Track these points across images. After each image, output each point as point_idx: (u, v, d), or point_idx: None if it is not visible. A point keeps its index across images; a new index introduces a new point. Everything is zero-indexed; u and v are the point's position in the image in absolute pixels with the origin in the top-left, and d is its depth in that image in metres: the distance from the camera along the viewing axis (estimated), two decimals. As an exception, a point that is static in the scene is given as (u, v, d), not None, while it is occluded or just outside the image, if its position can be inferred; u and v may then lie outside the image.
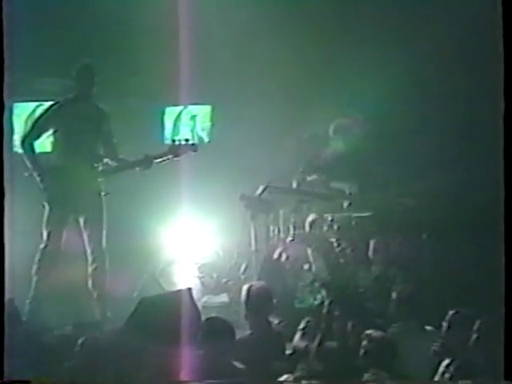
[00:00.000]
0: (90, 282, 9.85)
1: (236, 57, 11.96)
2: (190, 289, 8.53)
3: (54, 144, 9.97)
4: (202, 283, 10.99)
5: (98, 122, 9.93)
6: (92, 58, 10.56)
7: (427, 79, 11.69)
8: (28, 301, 9.62)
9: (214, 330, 7.62)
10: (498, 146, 6.95)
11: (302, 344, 8.08)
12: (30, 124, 10.13)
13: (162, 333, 7.51)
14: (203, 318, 8.03)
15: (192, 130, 12.66)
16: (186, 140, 10.16)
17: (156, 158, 9.95)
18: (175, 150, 10.01)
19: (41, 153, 10.01)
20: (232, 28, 11.65)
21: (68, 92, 10.09)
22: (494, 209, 6.81)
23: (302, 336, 8.25)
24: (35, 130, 9.96)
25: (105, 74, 10.25)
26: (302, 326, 8.36)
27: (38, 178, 9.85)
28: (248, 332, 8.19)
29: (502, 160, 6.89)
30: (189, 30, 11.14)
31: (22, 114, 10.99)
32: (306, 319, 8.39)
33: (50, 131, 9.93)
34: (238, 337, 7.80)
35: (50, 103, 10.10)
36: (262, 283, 9.15)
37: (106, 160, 10.04)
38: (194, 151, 10.10)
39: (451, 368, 7.07)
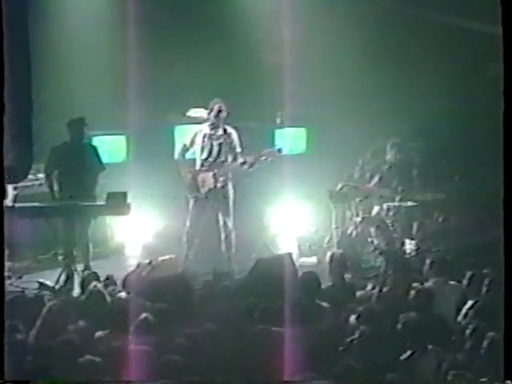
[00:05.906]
0: (223, 247, 9.97)
1: (329, 88, 11.90)
2: (290, 253, 8.93)
3: (198, 155, 10.04)
4: (299, 249, 10.86)
5: (224, 138, 9.90)
6: (224, 91, 10.77)
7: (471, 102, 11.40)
8: (183, 259, 9.77)
9: (307, 281, 7.76)
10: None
11: (368, 292, 8.14)
12: (184, 142, 10.15)
13: (272, 280, 7.72)
14: (299, 272, 8.24)
15: (295, 144, 12.51)
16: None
17: (255, 161, 9.84)
18: (267, 153, 9.90)
19: (189, 159, 10.13)
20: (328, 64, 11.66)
21: (205, 121, 10.09)
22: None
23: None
24: (187, 146, 10.09)
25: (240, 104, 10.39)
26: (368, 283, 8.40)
27: (185, 179, 10.03)
28: (330, 283, 8.25)
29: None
30: (291, 67, 11.14)
31: (181, 134, 10.83)
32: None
33: (195, 146, 10.04)
34: (323, 286, 7.87)
35: (196, 129, 10.11)
36: (339, 251, 9.27)
37: (229, 162, 9.94)
38: (279, 151, 10.00)
39: (470, 310, 6.98)
